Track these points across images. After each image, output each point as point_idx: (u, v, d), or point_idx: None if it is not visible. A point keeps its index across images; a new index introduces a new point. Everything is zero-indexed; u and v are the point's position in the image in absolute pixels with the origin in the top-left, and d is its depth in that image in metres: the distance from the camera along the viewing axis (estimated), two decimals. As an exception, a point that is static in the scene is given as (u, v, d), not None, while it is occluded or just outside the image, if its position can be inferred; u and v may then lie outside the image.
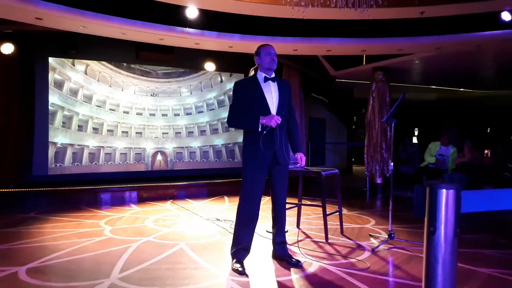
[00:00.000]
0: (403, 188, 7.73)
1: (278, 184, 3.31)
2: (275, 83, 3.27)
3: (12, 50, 6.79)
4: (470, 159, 6.73)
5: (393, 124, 4.19)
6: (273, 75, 3.29)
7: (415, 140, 15.07)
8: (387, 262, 3.50)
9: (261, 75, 3.27)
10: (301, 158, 3.40)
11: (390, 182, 4.34)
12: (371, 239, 4.25)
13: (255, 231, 3.36)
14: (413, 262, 3.48)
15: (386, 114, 5.81)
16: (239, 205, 3.26)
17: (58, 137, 7.66)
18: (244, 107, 3.20)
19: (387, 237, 4.12)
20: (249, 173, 3.21)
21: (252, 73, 3.37)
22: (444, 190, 1.13)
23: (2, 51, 6.67)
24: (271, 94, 3.23)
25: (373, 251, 3.77)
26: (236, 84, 3.30)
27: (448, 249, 1.12)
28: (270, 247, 3.53)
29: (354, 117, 13.91)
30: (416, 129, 15.46)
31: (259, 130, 3.11)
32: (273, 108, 3.20)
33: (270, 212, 3.43)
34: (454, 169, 6.83)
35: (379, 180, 8.33)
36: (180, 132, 8.93)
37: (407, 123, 13.95)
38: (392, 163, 4.43)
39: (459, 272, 1.19)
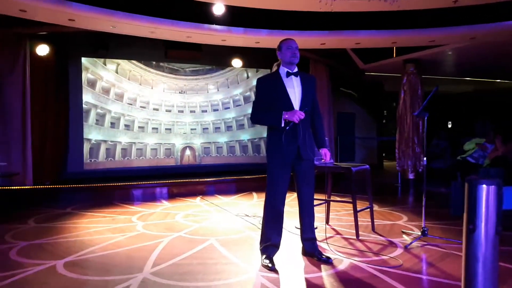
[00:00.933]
0: (435, 184, 7.51)
1: (302, 180, 3.27)
2: (298, 77, 3.21)
3: (48, 51, 7.02)
4: (504, 152, 6.46)
5: (425, 118, 4.07)
6: (295, 70, 3.23)
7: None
8: (421, 259, 3.41)
9: (283, 70, 3.22)
10: (325, 154, 3.33)
11: (423, 177, 4.22)
12: (404, 236, 4.15)
13: (284, 227, 3.34)
14: (448, 259, 3.37)
15: (418, 108, 5.65)
16: (265, 201, 3.27)
17: (92, 134, 7.90)
18: (267, 103, 3.17)
19: (420, 234, 4.01)
20: (272, 169, 3.20)
21: (275, 68, 3.33)
22: (484, 186, 1.08)
23: (38, 52, 6.92)
24: (294, 89, 3.17)
25: (406, 248, 3.69)
26: (258, 80, 3.26)
27: (489, 247, 1.07)
28: (300, 244, 3.50)
29: (385, 111, 13.59)
30: (450, 122, 14.97)
31: (282, 125, 3.08)
32: (296, 103, 3.15)
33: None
34: (489, 164, 6.57)
35: (411, 176, 8.12)
36: (207, 128, 9.03)
37: (440, 117, 13.52)
38: (425, 158, 4.30)
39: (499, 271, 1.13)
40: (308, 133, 3.25)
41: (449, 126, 14.92)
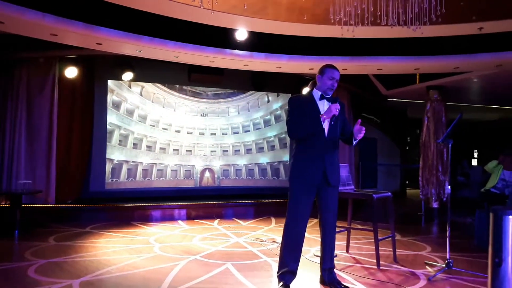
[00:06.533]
0: (461, 213, 7.24)
1: (326, 207, 3.21)
2: (330, 102, 3.22)
3: (76, 74, 7.26)
4: None
5: (450, 145, 3.96)
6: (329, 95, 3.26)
7: (474, 162, 14.20)
8: (445, 293, 3.25)
9: (317, 93, 3.25)
10: None
11: (447, 206, 4.07)
12: (427, 267, 3.98)
13: (302, 254, 3.26)
14: (474, 295, 3.20)
15: (442, 135, 5.52)
16: (285, 226, 3.19)
17: (114, 154, 8.04)
18: (300, 121, 3.16)
19: (444, 265, 3.83)
20: (295, 193, 3.15)
21: (309, 88, 3.34)
22: (511, 217, 1.02)
23: (66, 74, 7.16)
24: None
25: (429, 280, 3.52)
26: (292, 99, 3.27)
27: (518, 284, 1.00)
28: (318, 272, 3.40)
29: (408, 138, 13.35)
30: (476, 151, 14.57)
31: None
32: (327, 127, 3.14)
33: (319, 234, 3.32)
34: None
35: (435, 205, 7.87)
36: (227, 150, 9.06)
37: (466, 145, 13.18)
38: (449, 187, 4.16)
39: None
40: (337, 158, 3.22)
41: (475, 155, 14.52)
